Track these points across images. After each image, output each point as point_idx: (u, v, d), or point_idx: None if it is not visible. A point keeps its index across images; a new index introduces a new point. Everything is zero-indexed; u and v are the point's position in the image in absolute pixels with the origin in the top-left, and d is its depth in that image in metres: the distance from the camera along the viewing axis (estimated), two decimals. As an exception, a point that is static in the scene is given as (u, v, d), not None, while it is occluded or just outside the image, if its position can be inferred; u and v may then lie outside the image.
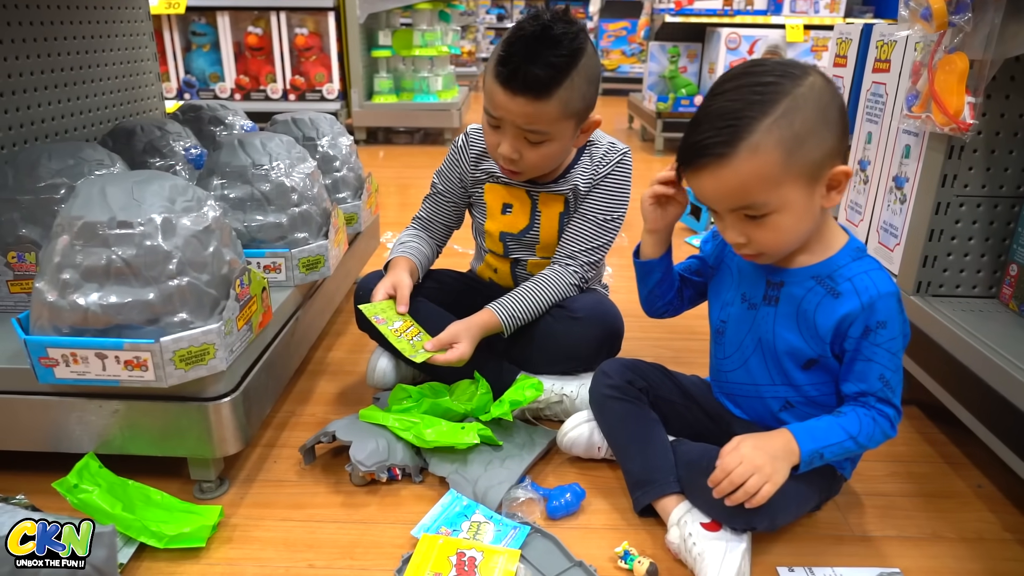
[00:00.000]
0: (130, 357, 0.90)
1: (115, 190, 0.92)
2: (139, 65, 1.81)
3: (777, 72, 0.79)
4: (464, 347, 1.13)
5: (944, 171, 1.16)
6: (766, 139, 0.77)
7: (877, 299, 0.84)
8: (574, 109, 1.09)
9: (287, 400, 1.31)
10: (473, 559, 0.89)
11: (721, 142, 0.79)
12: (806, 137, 0.78)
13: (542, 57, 1.02)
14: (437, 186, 1.33)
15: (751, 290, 0.95)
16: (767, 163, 0.78)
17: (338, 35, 3.71)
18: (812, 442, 0.86)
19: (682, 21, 3.62)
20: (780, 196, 0.80)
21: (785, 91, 0.78)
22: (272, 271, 1.24)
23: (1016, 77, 1.12)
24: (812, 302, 0.88)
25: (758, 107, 0.78)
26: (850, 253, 0.89)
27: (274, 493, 1.06)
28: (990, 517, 1.03)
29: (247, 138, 1.28)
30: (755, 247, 0.86)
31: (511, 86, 1.05)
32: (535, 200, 1.26)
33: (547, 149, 1.13)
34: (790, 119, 0.78)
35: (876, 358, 0.86)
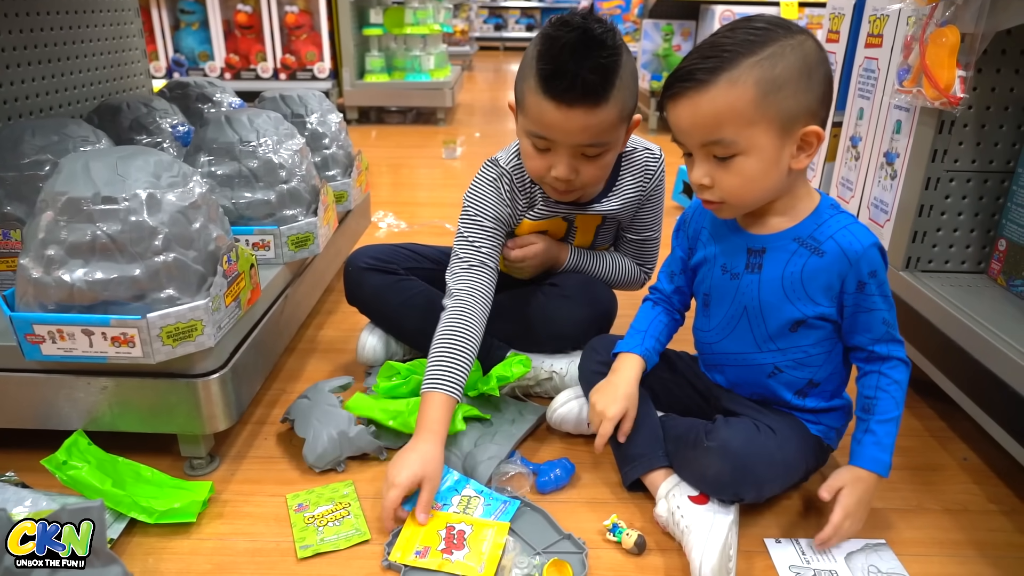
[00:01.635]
0: (117, 333, 0.90)
1: (99, 165, 0.91)
2: (125, 41, 1.79)
3: (774, 23, 0.82)
4: (531, 249, 1.18)
5: (934, 146, 1.16)
6: (746, 75, 0.79)
7: (863, 252, 0.86)
8: (628, 110, 1.03)
9: (277, 378, 1.31)
10: (462, 532, 0.90)
11: (704, 69, 0.80)
12: (784, 84, 0.80)
13: (591, 60, 0.94)
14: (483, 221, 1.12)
15: (731, 260, 0.95)
16: (742, 98, 0.80)
17: (329, 13, 3.67)
18: (886, 457, 0.90)
19: (676, -2, 3.60)
20: (749, 137, 0.81)
21: (776, 39, 0.80)
22: (261, 248, 1.24)
23: (1007, 51, 1.11)
24: (797, 264, 0.89)
25: (746, 46, 0.80)
26: (826, 210, 0.90)
27: (264, 469, 1.06)
28: (975, 489, 1.04)
29: (234, 114, 1.27)
30: (718, 192, 0.86)
31: (568, 98, 0.95)
32: (571, 221, 1.22)
33: (605, 160, 1.05)
34: (773, 62, 0.79)
35: (875, 306, 0.89)
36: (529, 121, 1.02)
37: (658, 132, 3.69)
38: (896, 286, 1.22)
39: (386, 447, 1.09)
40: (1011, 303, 1.11)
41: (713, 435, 0.90)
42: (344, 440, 1.05)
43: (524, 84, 1.01)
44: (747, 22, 0.83)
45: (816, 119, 0.84)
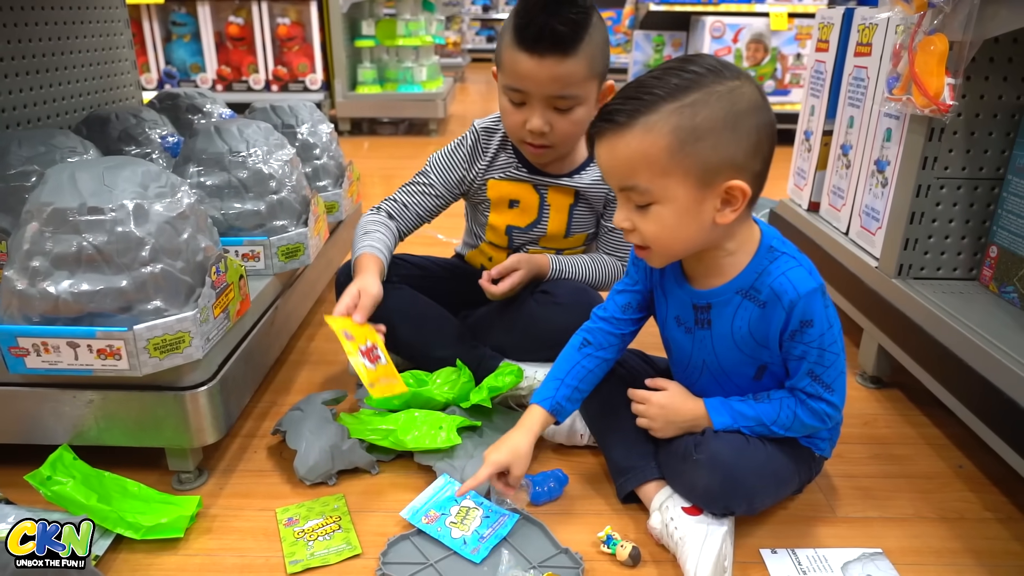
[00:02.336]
0: (103, 346, 0.89)
1: (85, 176, 0.90)
2: (114, 52, 1.78)
3: (708, 66, 0.77)
4: (517, 277, 1.18)
5: (925, 153, 1.16)
6: (663, 121, 0.76)
7: (797, 301, 0.82)
8: (598, 68, 1.09)
9: (267, 390, 1.30)
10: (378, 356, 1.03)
11: (623, 111, 0.77)
12: (705, 135, 0.76)
13: (562, 13, 1.02)
14: (430, 176, 1.26)
15: (683, 314, 0.93)
16: (656, 146, 0.76)
17: (321, 25, 3.67)
18: (721, 420, 0.91)
19: (666, 10, 3.61)
20: (663, 187, 0.78)
21: (703, 84, 0.76)
22: (250, 259, 1.23)
23: (995, 58, 1.12)
24: (744, 318, 0.86)
25: (670, 89, 0.76)
26: (764, 256, 0.85)
27: (254, 483, 1.05)
28: (971, 497, 1.04)
29: (224, 125, 1.26)
30: (640, 237, 0.83)
31: (538, 47, 1.03)
32: (543, 195, 1.23)
33: (577, 115, 1.10)
34: (695, 110, 0.75)
35: (806, 356, 0.85)
36: (505, 75, 1.10)
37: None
38: (888, 293, 1.22)
39: (378, 461, 1.07)
40: (1003, 310, 1.11)
41: (702, 447, 0.89)
42: (337, 453, 1.03)
43: (502, 42, 1.09)
44: (680, 63, 0.78)
45: (743, 173, 0.78)
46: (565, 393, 0.97)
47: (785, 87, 3.54)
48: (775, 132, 0.81)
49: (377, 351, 1.04)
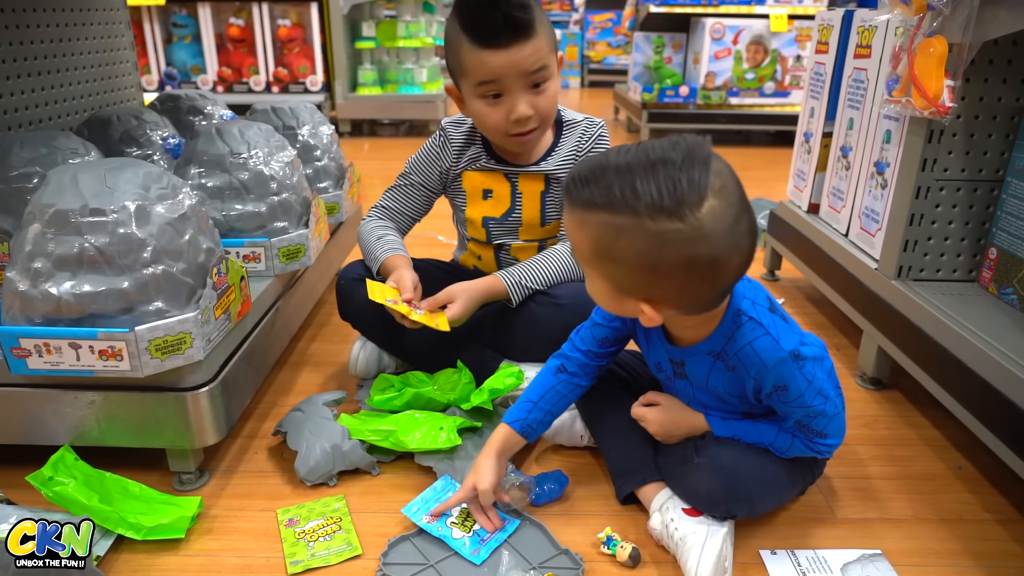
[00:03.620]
0: (104, 347, 0.89)
1: (87, 177, 0.90)
2: (116, 54, 1.78)
3: (658, 191, 0.69)
4: (456, 308, 1.12)
5: (924, 155, 1.16)
6: (591, 225, 0.73)
7: (766, 373, 0.82)
8: (553, 40, 1.12)
9: (268, 391, 1.30)
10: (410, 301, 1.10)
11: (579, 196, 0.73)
12: (619, 261, 0.73)
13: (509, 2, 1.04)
14: (411, 176, 1.29)
15: (663, 363, 0.95)
16: (583, 240, 0.76)
17: (321, 26, 3.68)
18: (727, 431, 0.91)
19: (667, 11, 3.62)
20: (589, 272, 0.79)
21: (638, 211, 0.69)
22: (252, 260, 1.23)
23: (994, 60, 1.12)
24: (717, 377, 0.88)
25: (609, 197, 0.71)
26: (731, 321, 0.83)
27: (255, 484, 1.05)
28: (970, 498, 1.04)
29: (225, 126, 1.26)
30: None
31: (504, 40, 1.04)
32: (514, 183, 1.25)
33: (552, 88, 1.13)
34: (617, 235, 0.71)
35: (791, 413, 0.86)
36: (474, 76, 1.09)
37: (650, 144, 3.70)
38: (888, 295, 1.22)
39: (379, 461, 1.07)
40: (1003, 311, 1.12)
41: (703, 451, 0.90)
42: (337, 454, 1.04)
43: (458, 51, 1.09)
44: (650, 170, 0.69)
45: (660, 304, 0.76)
46: (537, 417, 0.98)
47: (785, 89, 3.54)
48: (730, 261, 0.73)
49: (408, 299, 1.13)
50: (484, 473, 0.93)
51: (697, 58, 3.60)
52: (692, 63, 3.71)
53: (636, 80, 3.86)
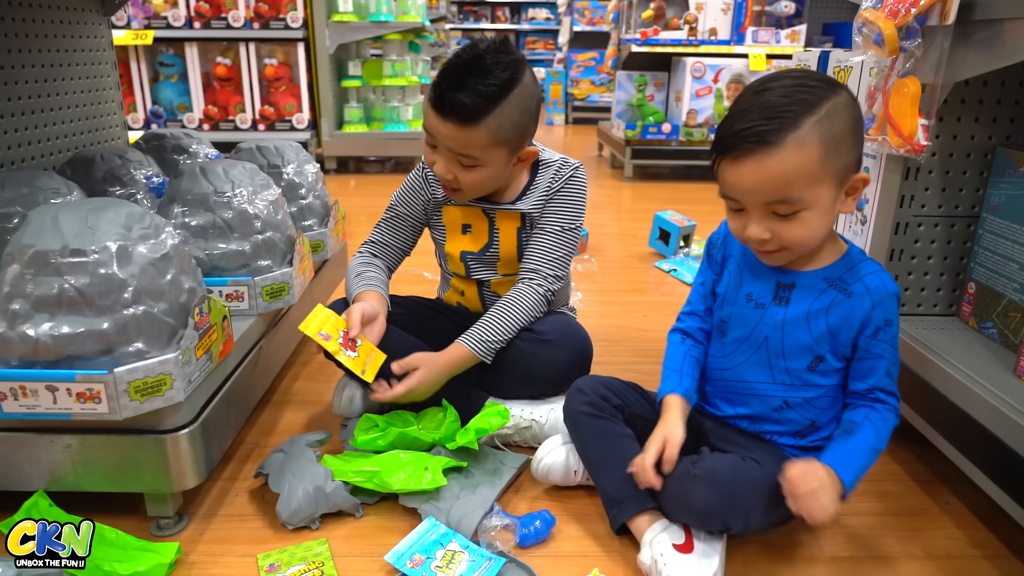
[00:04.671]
0: (82, 389, 0.87)
1: (68, 217, 0.90)
2: (101, 94, 1.79)
3: (820, 79, 0.85)
4: (415, 379, 1.12)
5: (902, 192, 1.18)
6: (812, 134, 0.81)
7: (887, 298, 0.90)
8: (504, 137, 1.11)
9: (251, 432, 1.28)
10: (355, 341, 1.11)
11: (772, 130, 0.81)
12: (842, 140, 0.83)
13: (470, 86, 1.06)
14: (396, 208, 1.32)
15: (758, 290, 0.96)
16: (810, 158, 0.82)
17: (308, 65, 3.72)
18: (850, 471, 0.88)
19: (648, 51, 3.70)
20: (815, 193, 0.84)
21: (827, 96, 0.83)
22: (235, 299, 1.22)
23: (966, 100, 1.15)
24: (825, 302, 0.92)
25: (806, 105, 0.82)
26: (856, 255, 0.94)
27: (235, 528, 1.03)
28: (958, 534, 1.03)
29: (209, 165, 1.26)
30: (778, 242, 0.88)
31: (439, 110, 1.08)
32: (492, 218, 1.26)
33: (479, 174, 1.15)
34: (832, 120, 0.82)
35: (884, 354, 0.92)
36: (424, 116, 1.14)
37: (634, 180, 3.75)
38: (871, 329, 1.23)
39: (363, 503, 1.06)
40: (984, 345, 1.13)
41: (699, 464, 0.91)
42: (320, 496, 1.02)
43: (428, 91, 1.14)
44: (794, 79, 0.85)
45: (860, 166, 0.88)
46: (687, 383, 1.01)
47: (765, 126, 3.61)
48: None
49: (351, 337, 1.12)
50: (676, 429, 0.94)
51: (679, 96, 3.67)
52: (674, 101, 3.78)
53: (619, 117, 3.93)
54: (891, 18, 1.09)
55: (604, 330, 1.76)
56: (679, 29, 3.64)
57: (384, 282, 1.27)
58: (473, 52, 1.08)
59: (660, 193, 3.49)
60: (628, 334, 1.77)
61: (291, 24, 3.60)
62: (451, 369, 1.16)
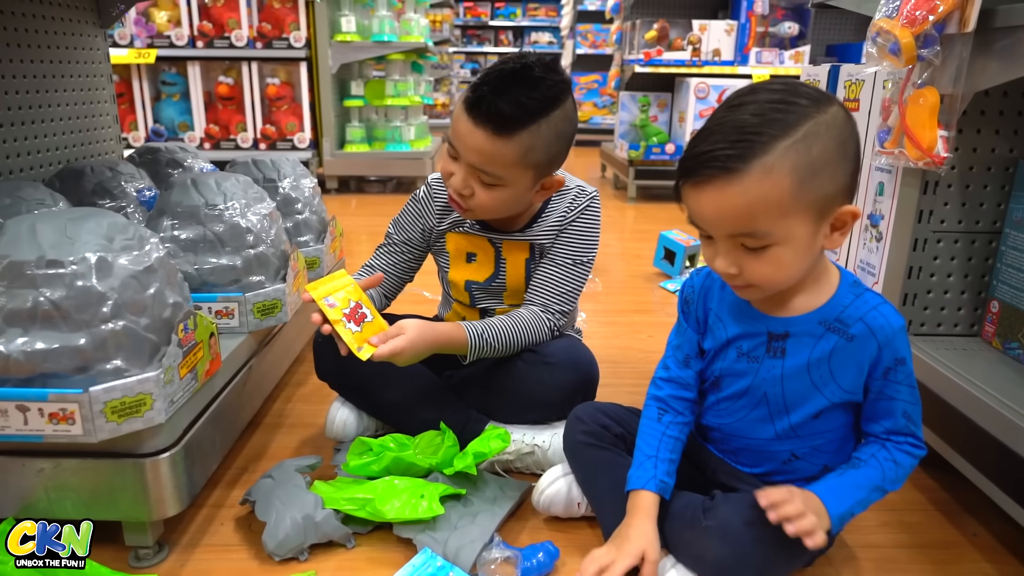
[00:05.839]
0: (55, 409, 0.82)
1: (46, 227, 0.85)
2: (96, 107, 1.76)
3: (807, 93, 0.74)
4: (400, 342, 0.99)
5: (920, 207, 1.14)
6: (782, 161, 0.71)
7: (893, 336, 0.80)
8: (534, 160, 1.04)
9: (239, 456, 1.22)
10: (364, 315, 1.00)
11: (734, 155, 0.71)
12: (822, 168, 0.72)
13: (512, 94, 0.99)
14: (393, 236, 1.25)
15: (748, 343, 0.87)
16: (778, 188, 0.71)
17: (310, 85, 3.71)
18: (840, 504, 0.82)
19: (651, 72, 3.68)
20: (785, 228, 0.74)
21: (808, 115, 0.72)
22: (224, 316, 1.17)
23: (986, 111, 1.11)
24: (825, 349, 0.82)
25: (778, 126, 0.71)
26: (850, 289, 0.83)
27: (218, 559, 0.96)
28: (989, 569, 0.97)
29: (201, 177, 1.22)
30: (746, 279, 0.78)
31: (474, 114, 1.00)
32: (498, 248, 1.20)
33: (499, 194, 1.07)
34: (809, 145, 0.71)
35: (898, 395, 0.83)
36: (451, 124, 1.07)
37: (637, 201, 3.72)
38: (889, 350, 1.18)
39: (355, 533, 0.99)
40: (1010, 367, 1.07)
41: (712, 513, 0.83)
42: (309, 525, 0.96)
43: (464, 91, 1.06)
44: (770, 94, 0.74)
45: (850, 195, 0.77)
46: (664, 468, 0.90)
47: (769, 146, 3.58)
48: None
49: (363, 309, 1.02)
50: (654, 546, 0.85)
51: (683, 116, 3.65)
52: (678, 121, 3.75)
53: (623, 138, 3.91)
54: (908, 26, 1.06)
55: (609, 351, 1.71)
56: (683, 50, 3.63)
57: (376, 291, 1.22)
58: (522, 62, 1.00)
59: (663, 214, 3.45)
60: (633, 355, 1.71)
61: (294, 44, 3.59)
62: (440, 342, 1.06)
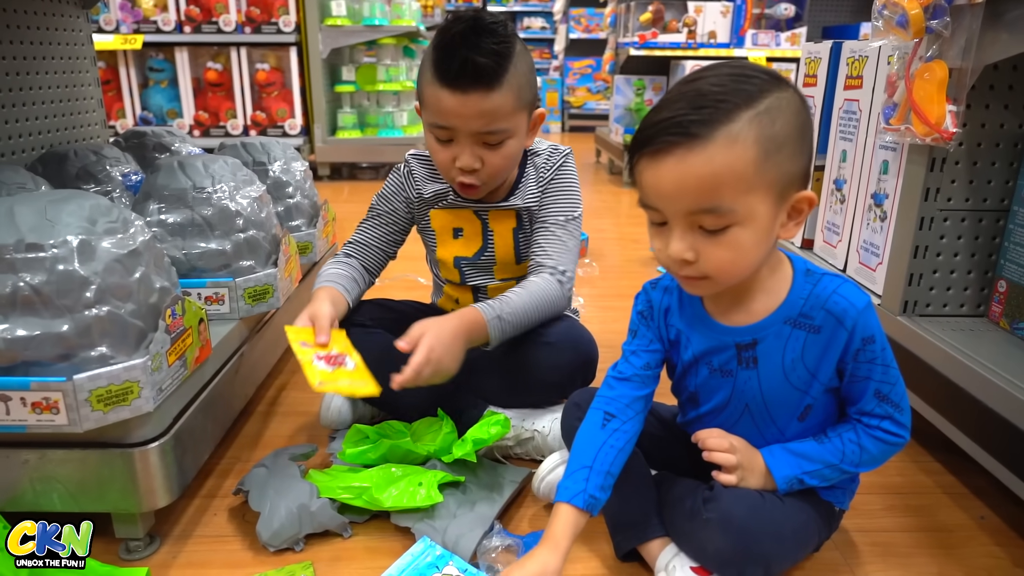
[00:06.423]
0: (38, 398, 0.79)
1: (25, 210, 0.82)
2: (79, 90, 1.71)
3: (762, 71, 0.72)
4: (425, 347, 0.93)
5: (926, 184, 1.11)
6: (747, 130, 0.67)
7: (859, 317, 0.76)
8: (527, 97, 1.05)
9: (232, 445, 1.19)
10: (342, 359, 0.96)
11: (698, 121, 0.67)
12: (784, 143, 0.69)
13: (484, 46, 0.97)
14: (376, 208, 1.23)
15: (717, 358, 0.82)
16: (744, 158, 0.68)
17: (300, 70, 3.65)
18: (784, 468, 0.81)
19: (646, 55, 3.64)
20: (747, 205, 0.69)
21: (768, 90, 0.69)
22: (214, 302, 1.14)
23: (995, 86, 1.08)
24: (796, 348, 0.78)
25: (742, 95, 0.68)
26: (805, 279, 0.79)
27: (211, 551, 0.94)
28: (997, 552, 0.95)
29: (188, 160, 1.18)
30: (700, 268, 0.73)
31: (461, 83, 0.98)
32: (485, 220, 1.18)
33: (508, 148, 1.05)
34: (772, 118, 0.69)
35: (871, 375, 0.78)
36: (429, 113, 1.04)
37: (633, 186, 3.68)
38: (894, 331, 1.15)
39: (351, 522, 0.97)
40: (1017, 347, 1.05)
41: (712, 504, 0.80)
42: (304, 515, 0.93)
43: (423, 79, 1.04)
44: (733, 68, 0.71)
45: (806, 182, 0.74)
46: (597, 482, 0.82)
47: (766, 130, 3.55)
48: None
49: (344, 358, 0.95)
50: (551, 564, 0.78)
51: (677, 100, 3.61)
52: (673, 105, 3.72)
53: (617, 122, 3.87)
54: (916, -3, 1.03)
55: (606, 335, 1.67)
56: (678, 32, 3.59)
57: (348, 278, 1.16)
58: (467, 17, 1.00)
59: (660, 198, 3.42)
60: (632, 340, 1.69)
61: (283, 28, 3.53)
62: (463, 331, 0.99)
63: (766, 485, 0.82)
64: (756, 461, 0.82)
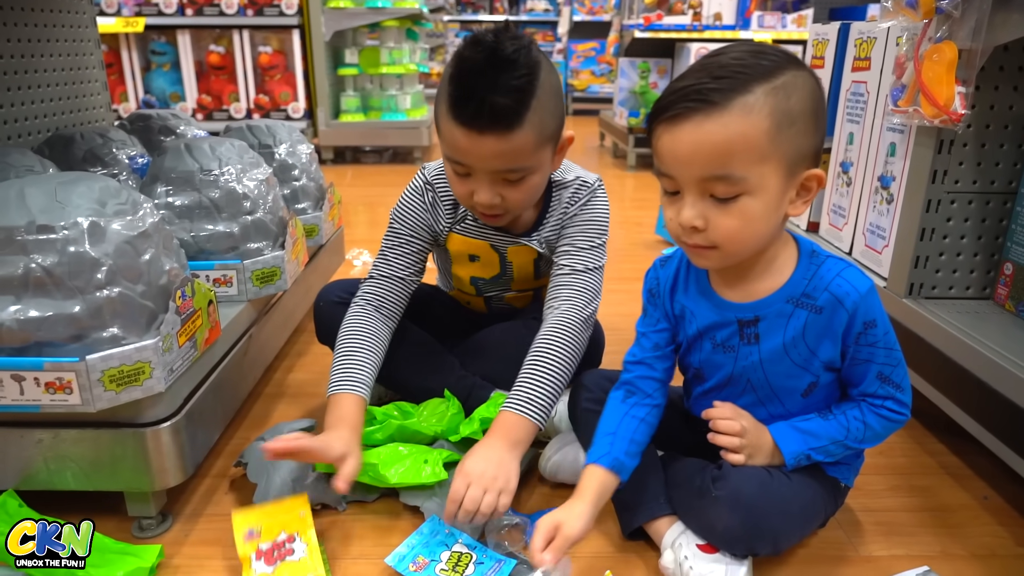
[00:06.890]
0: (52, 378, 0.80)
1: (35, 192, 0.82)
2: (83, 73, 1.71)
3: (781, 52, 0.74)
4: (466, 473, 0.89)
5: (934, 167, 1.11)
6: (763, 102, 0.70)
7: (861, 300, 0.78)
8: (549, 132, 0.95)
9: (241, 425, 1.20)
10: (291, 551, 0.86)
11: (716, 89, 0.70)
12: (798, 119, 0.72)
13: (502, 82, 0.87)
14: (400, 230, 1.11)
15: (720, 333, 0.84)
16: (758, 128, 0.70)
17: (303, 53, 3.64)
18: (791, 444, 0.83)
19: (651, 37, 3.61)
20: (760, 174, 0.71)
21: (785, 68, 0.72)
22: (222, 284, 1.14)
23: (1005, 67, 1.07)
24: (797, 327, 0.80)
25: (759, 70, 0.71)
26: (810, 260, 0.81)
27: (222, 528, 0.95)
28: (1000, 531, 0.96)
29: (195, 142, 1.19)
30: (709, 237, 0.74)
31: (476, 125, 0.89)
32: (503, 253, 1.14)
33: (530, 183, 0.98)
34: (788, 93, 0.71)
35: (874, 358, 0.80)
36: (446, 146, 0.96)
37: (637, 169, 3.67)
38: (900, 314, 1.16)
39: (361, 501, 0.98)
40: (1022, 329, 1.05)
41: (721, 483, 0.81)
42: (299, 488, 0.95)
43: (438, 108, 0.94)
44: (752, 45, 0.75)
45: (817, 161, 0.76)
46: (622, 447, 0.85)
47: (771, 113, 3.53)
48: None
49: (294, 543, 0.87)
50: (574, 519, 0.80)
51: (682, 83, 3.58)
52: (677, 88, 3.69)
53: (622, 105, 3.85)
54: (926, -23, 1.02)
55: (612, 319, 1.68)
56: (683, 14, 3.56)
57: (372, 363, 1.04)
58: (485, 46, 0.88)
59: (664, 182, 3.41)
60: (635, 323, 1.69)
61: (286, 11, 3.51)
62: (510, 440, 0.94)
63: (773, 461, 0.83)
64: (764, 438, 0.83)
